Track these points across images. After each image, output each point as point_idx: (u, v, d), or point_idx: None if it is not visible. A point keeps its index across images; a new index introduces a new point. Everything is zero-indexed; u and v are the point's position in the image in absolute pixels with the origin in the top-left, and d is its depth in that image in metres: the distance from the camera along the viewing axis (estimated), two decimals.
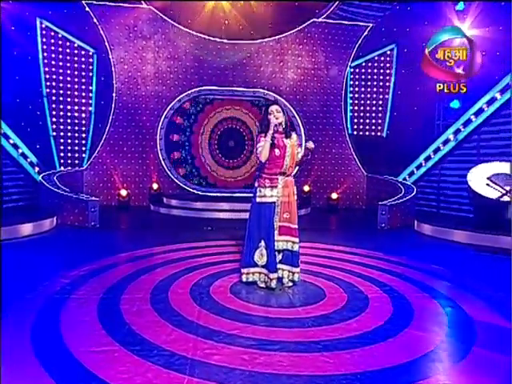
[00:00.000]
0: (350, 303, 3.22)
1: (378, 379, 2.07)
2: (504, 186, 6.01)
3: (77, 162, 10.38)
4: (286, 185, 3.58)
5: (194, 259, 4.60)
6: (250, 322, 2.82)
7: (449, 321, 2.89)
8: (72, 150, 10.36)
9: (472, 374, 2.13)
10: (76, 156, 10.45)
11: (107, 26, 9.31)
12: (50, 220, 6.29)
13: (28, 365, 2.15)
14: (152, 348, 2.37)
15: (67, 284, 3.59)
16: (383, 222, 7.36)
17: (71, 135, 10.34)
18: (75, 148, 10.45)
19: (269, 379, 2.05)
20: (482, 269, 4.65)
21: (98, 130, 10.17)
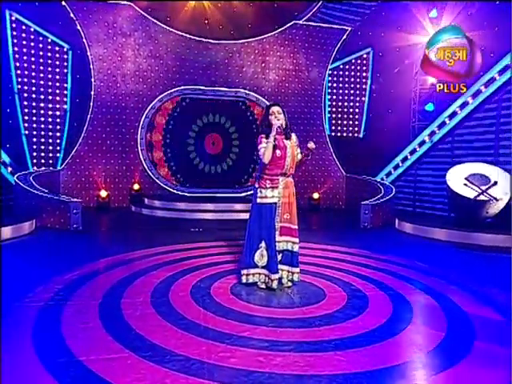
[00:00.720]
0: (350, 302, 3.29)
1: (395, 375, 2.13)
2: (480, 185, 6.33)
3: (51, 161, 9.99)
4: (286, 186, 3.61)
5: (186, 261, 4.55)
6: (258, 323, 2.83)
7: (446, 316, 3.02)
8: (46, 149, 9.96)
9: (479, 367, 2.24)
10: (50, 156, 10.05)
11: (85, 22, 9.00)
12: (30, 223, 6.01)
13: (40, 379, 2.06)
14: (164, 353, 2.33)
15: (60, 290, 3.46)
16: (366, 221, 7.56)
17: (45, 134, 9.94)
18: (49, 147, 10.05)
19: (289, 381, 2.07)
20: (465, 265, 4.87)
21: (74, 129, 9.84)
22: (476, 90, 8.59)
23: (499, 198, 6.11)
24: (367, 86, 12.25)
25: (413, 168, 10.08)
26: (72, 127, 10.02)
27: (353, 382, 2.06)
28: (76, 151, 9.29)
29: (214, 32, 10.17)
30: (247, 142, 10.66)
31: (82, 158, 9.34)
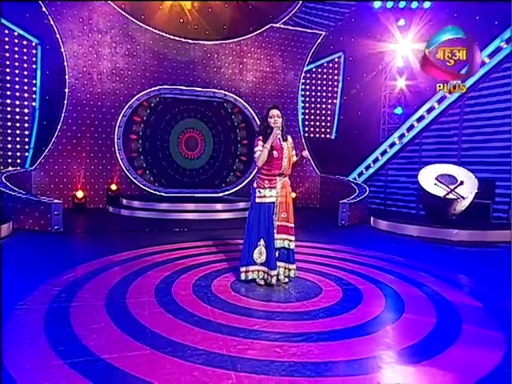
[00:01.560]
0: (345, 295, 3.52)
1: (405, 355, 2.37)
2: (449, 185, 6.84)
3: (19, 161, 9.60)
4: (283, 185, 3.78)
5: (178, 261, 4.60)
6: (265, 317, 2.98)
7: (433, 304, 3.32)
8: (13, 148, 9.56)
9: (471, 347, 2.53)
10: (18, 155, 9.66)
11: (58, 17, 8.72)
12: (7, 225, 5.79)
13: (71, 380, 2.10)
14: (184, 349, 2.43)
15: (61, 292, 3.43)
16: (344, 219, 7.91)
17: (12, 132, 9.53)
18: (17, 146, 9.65)
19: (309, 367, 2.24)
20: (438, 258, 5.27)
21: (44, 127, 9.50)
22: (441, 96, 9.22)
23: (465, 196, 6.64)
24: (338, 89, 12.72)
25: (384, 168, 10.63)
26: (41, 125, 9.67)
27: (368, 364, 2.27)
28: (49, 150, 8.98)
29: (189, 32, 10.17)
30: (224, 142, 10.78)
31: (56, 158, 9.04)
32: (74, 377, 2.08)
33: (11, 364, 2.19)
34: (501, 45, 7.99)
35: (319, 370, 2.22)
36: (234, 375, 2.13)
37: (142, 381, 2.06)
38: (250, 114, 10.52)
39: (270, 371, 2.19)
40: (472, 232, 6.49)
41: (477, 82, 8.45)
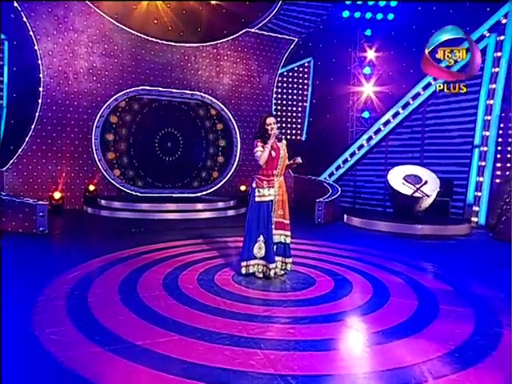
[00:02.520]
0: (337, 284, 3.93)
1: (401, 330, 2.81)
2: (415, 184, 7.53)
3: None
4: (280, 185, 4.14)
5: (175, 259, 4.81)
6: (272, 304, 3.33)
7: (412, 289, 3.82)
8: None
9: (449, 322, 3.02)
10: None
11: (32, 14, 8.52)
12: None
13: (118, 365, 2.32)
14: (210, 334, 2.71)
15: (73, 289, 3.58)
16: (320, 217, 8.41)
17: None
18: None
19: (323, 344, 2.61)
20: (407, 250, 5.85)
21: (11, 126, 9.23)
22: (405, 102, 10.01)
23: (429, 194, 7.35)
24: (308, 93, 13.30)
25: (353, 169, 11.31)
26: (9, 124, 9.38)
27: (370, 339, 2.68)
28: (22, 150, 8.74)
29: (165, 33, 10.27)
30: (200, 144, 10.98)
31: (30, 158, 8.82)
32: (119, 360, 2.31)
33: (56, 352, 2.37)
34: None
35: (331, 345, 2.60)
36: (261, 352, 2.46)
37: (183, 361, 2.32)
38: (226, 116, 10.79)
39: (290, 348, 2.54)
40: (434, 227, 7.21)
41: (436, 91, 9.27)
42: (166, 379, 2.12)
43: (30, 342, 2.53)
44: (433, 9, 10.24)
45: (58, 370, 2.20)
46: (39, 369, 2.23)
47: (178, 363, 2.30)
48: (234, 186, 10.98)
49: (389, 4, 11.06)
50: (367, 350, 2.54)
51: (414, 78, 9.86)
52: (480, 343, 2.64)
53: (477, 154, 8.39)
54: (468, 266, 5.06)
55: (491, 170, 8.19)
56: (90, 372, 2.17)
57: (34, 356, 2.36)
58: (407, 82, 10.09)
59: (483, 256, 5.83)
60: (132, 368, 2.23)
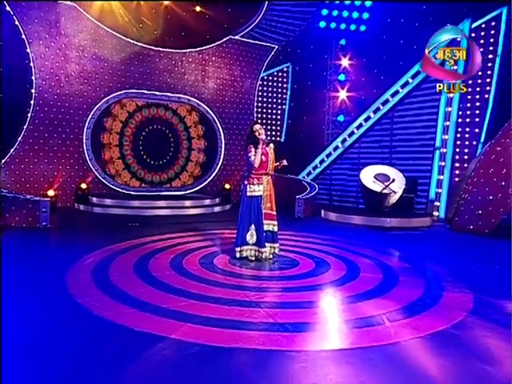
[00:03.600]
0: (318, 265, 4.69)
1: (367, 295, 3.58)
2: (384, 182, 8.43)
3: None
4: (268, 182, 4.86)
5: (174, 247, 5.42)
6: (267, 279, 4.05)
7: (379, 267, 4.63)
8: None
9: (406, 289, 3.83)
10: None
11: (24, 18, 8.84)
12: None
13: (167, 325, 2.97)
14: (219, 299, 3.39)
15: (93, 269, 4.16)
16: (300, 212, 9.20)
17: None
18: None
19: (308, 304, 3.34)
20: (377, 240, 6.71)
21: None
22: (376, 107, 10.97)
23: (396, 191, 8.28)
24: (287, 96, 14.10)
25: (329, 168, 12.18)
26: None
27: (347, 300, 3.45)
28: (15, 150, 9.04)
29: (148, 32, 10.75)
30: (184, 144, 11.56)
31: (22, 157, 9.13)
32: (151, 316, 2.95)
33: (100, 313, 2.99)
34: (419, 69, 9.86)
35: (314, 304, 3.35)
36: (261, 310, 3.16)
37: (200, 316, 2.99)
38: (211, 118, 11.41)
39: (283, 307, 3.26)
40: (400, 220, 8.14)
41: (402, 98, 10.28)
42: (188, 327, 2.78)
43: (76, 307, 3.13)
44: (401, 21, 11.27)
45: (107, 325, 2.82)
46: (92, 326, 2.84)
47: (196, 317, 2.96)
48: (218, 184, 11.61)
49: (361, 17, 12.01)
50: (341, 308, 3.31)
51: (384, 84, 10.84)
52: (426, 301, 3.46)
53: (437, 155, 9.43)
54: (426, 250, 5.96)
55: (450, 169, 9.24)
56: (131, 324, 2.81)
57: (84, 317, 2.96)
58: (378, 87, 11.05)
59: (439, 243, 6.78)
60: (161, 321, 2.88)
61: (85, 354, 2.40)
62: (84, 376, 2.15)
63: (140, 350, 2.44)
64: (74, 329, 2.78)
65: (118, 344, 2.54)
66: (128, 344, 2.53)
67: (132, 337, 2.63)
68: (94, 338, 2.62)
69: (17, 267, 4.33)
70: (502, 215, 7.32)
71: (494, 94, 9.27)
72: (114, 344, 2.54)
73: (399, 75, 10.50)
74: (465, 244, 6.58)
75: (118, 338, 2.62)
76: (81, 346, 2.51)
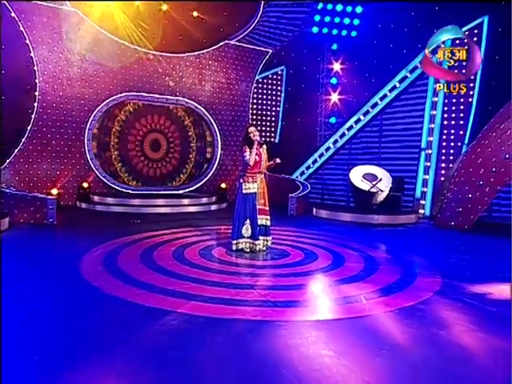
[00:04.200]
0: (307, 256, 5.14)
1: (351, 280, 4.05)
2: (371, 181, 8.92)
3: None
4: (261, 180, 5.30)
5: (176, 241, 5.85)
6: (261, 267, 4.51)
7: (362, 257, 5.10)
8: None
9: (385, 275, 4.30)
10: None
11: (29, 24, 9.21)
12: (6, 219, 6.47)
13: (178, 302, 3.41)
14: (217, 282, 3.83)
15: (104, 259, 4.59)
16: (292, 209, 9.66)
17: None
18: None
19: (297, 286, 3.80)
20: (364, 235, 7.19)
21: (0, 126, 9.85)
22: (366, 110, 11.47)
23: (383, 189, 8.77)
24: (281, 98, 14.57)
25: (321, 168, 12.66)
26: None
27: (331, 283, 3.91)
28: (19, 150, 9.40)
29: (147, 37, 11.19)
30: (182, 145, 11.98)
31: (26, 157, 9.49)
32: (159, 296, 3.39)
33: (115, 293, 3.42)
34: (406, 74, 10.39)
35: (303, 287, 3.80)
36: (255, 291, 3.61)
37: (202, 295, 3.42)
38: (208, 120, 11.83)
39: (275, 288, 3.71)
40: (387, 217, 8.63)
41: (390, 102, 10.80)
42: (193, 304, 3.21)
43: (92, 289, 3.56)
44: (390, 26, 11.79)
45: (120, 302, 3.25)
46: (107, 304, 3.27)
47: (199, 296, 3.40)
48: (214, 184, 12.04)
49: (352, 23, 12.51)
50: (325, 289, 3.76)
51: (375, 86, 11.34)
52: (400, 284, 3.93)
53: (423, 155, 9.95)
54: (408, 244, 6.45)
55: (435, 169, 9.76)
56: (142, 301, 3.24)
57: (99, 297, 3.39)
58: (369, 90, 11.54)
59: (421, 238, 7.28)
60: (169, 299, 3.31)
61: (102, 325, 2.83)
62: (104, 341, 2.58)
63: (151, 321, 2.87)
64: (90, 306, 3.21)
65: (132, 317, 2.97)
66: (140, 317, 2.97)
67: (143, 311, 3.07)
68: (109, 313, 3.05)
69: (33, 258, 4.74)
70: (480, 212, 7.84)
71: (477, 97, 9.81)
72: (128, 317, 2.97)
73: (388, 79, 11.01)
74: (445, 238, 7.08)
75: (131, 312, 3.05)
76: (98, 319, 2.94)
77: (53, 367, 2.19)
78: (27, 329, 2.71)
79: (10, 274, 3.89)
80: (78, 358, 2.31)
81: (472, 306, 3.31)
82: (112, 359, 2.31)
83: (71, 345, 2.49)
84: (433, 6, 10.55)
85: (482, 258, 5.50)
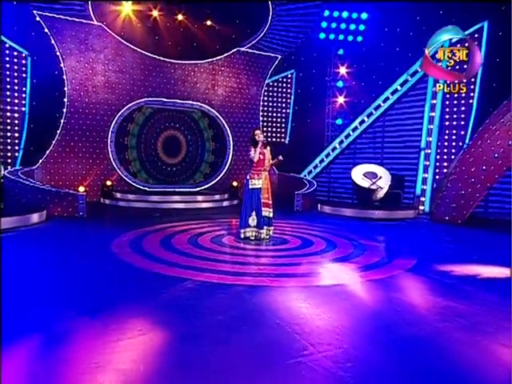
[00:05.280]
0: (304, 243, 5.87)
1: (339, 261, 4.76)
2: (371, 179, 9.56)
3: (9, 160, 10.92)
4: (265, 177, 6.05)
5: (190, 231, 6.66)
6: (261, 251, 5.26)
7: (353, 245, 5.80)
8: (4, 148, 10.87)
9: (370, 257, 4.99)
10: (8, 155, 10.97)
11: (59, 38, 10.20)
12: (44, 212, 7.40)
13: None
14: (228, 261, 4.60)
15: (130, 243, 5.42)
16: (298, 205, 10.37)
17: (3, 134, 10.84)
18: (8, 147, 10.97)
19: (293, 264, 4.54)
20: (365, 229, 7.85)
21: (30, 130, 10.90)
22: (369, 112, 12.08)
23: (382, 186, 9.40)
24: (291, 100, 15.27)
25: (328, 167, 13.32)
26: (29, 128, 11.03)
27: (322, 262, 4.64)
28: (50, 152, 10.41)
29: (164, 46, 12.09)
30: (196, 149, 12.82)
31: (56, 158, 10.49)
32: (176, 269, 4.18)
33: (146, 267, 4.24)
34: (407, 78, 10.97)
35: (298, 265, 4.54)
36: (257, 268, 4.37)
37: (216, 270, 4.19)
38: (221, 122, 12.65)
39: (273, 265, 4.47)
40: (387, 212, 9.25)
41: (392, 104, 11.38)
42: (205, 275, 3.99)
43: (122, 263, 4.39)
44: (397, 30, 12.37)
45: (145, 272, 4.06)
46: (134, 273, 4.08)
47: (210, 270, 4.17)
48: (227, 182, 12.84)
49: (358, 28, 13.13)
50: (314, 266, 4.49)
51: (382, 88, 11.91)
52: (378, 264, 4.63)
53: (422, 155, 10.51)
54: (400, 235, 7.10)
55: (433, 168, 10.32)
56: (162, 271, 4.04)
57: (128, 269, 4.21)
58: (377, 91, 12.10)
59: (415, 231, 7.90)
60: (185, 271, 4.10)
61: (137, 286, 3.64)
62: (140, 295, 3.38)
63: (172, 284, 3.67)
64: (126, 275, 4.03)
65: (155, 282, 3.77)
66: (164, 282, 3.76)
67: (166, 279, 3.86)
68: (136, 279, 3.86)
69: (71, 243, 5.62)
70: (472, 207, 8.39)
71: (478, 99, 10.31)
72: (152, 282, 3.78)
73: (391, 82, 11.59)
74: (436, 231, 7.69)
75: (154, 279, 3.86)
76: (134, 283, 3.76)
77: (101, 308, 3.00)
78: (75, 290, 3.54)
79: (53, 256, 4.76)
80: (119, 303, 3.12)
81: (433, 279, 3.99)
82: (145, 307, 3.11)
83: (116, 296, 3.30)
84: (437, 10, 11.06)
85: (465, 246, 6.13)
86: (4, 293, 3.19)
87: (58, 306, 3.10)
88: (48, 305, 3.10)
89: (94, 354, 2.25)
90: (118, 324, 2.72)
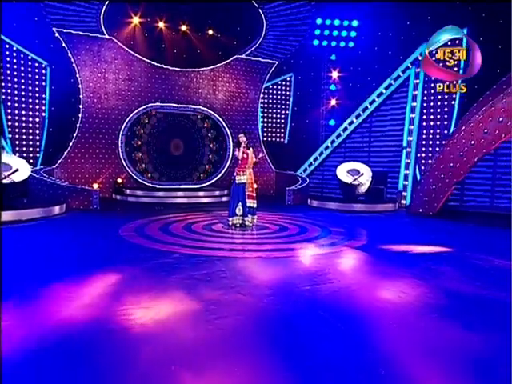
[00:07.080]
0: (280, 229, 6.92)
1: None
2: (354, 175, 10.54)
3: (31, 161, 12.22)
4: (249, 174, 7.13)
5: (186, 221, 7.78)
6: (246, 235, 6.34)
7: (322, 230, 6.82)
8: (27, 150, 12.19)
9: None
10: (31, 156, 12.27)
11: (75, 51, 11.44)
12: (64, 205, 8.62)
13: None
14: (217, 242, 5.70)
15: (136, 228, 6.57)
16: (289, 200, 11.42)
17: (26, 137, 12.15)
18: (30, 149, 12.28)
19: (273, 244, 5.62)
20: (348, 221, 8.85)
21: (50, 133, 12.18)
22: (357, 113, 13.03)
23: (363, 182, 10.37)
24: (290, 102, 16.27)
25: (321, 165, 14.31)
26: (49, 132, 12.32)
27: (306, 243, 5.71)
28: (68, 153, 11.68)
29: (169, 55, 13.24)
30: (198, 149, 13.94)
31: (73, 159, 11.76)
32: (171, 246, 5.29)
33: (152, 247, 5.37)
34: (391, 82, 11.89)
35: (266, 244, 5.62)
36: (239, 246, 5.46)
37: (210, 248, 5.29)
38: (221, 125, 13.76)
39: (250, 243, 5.54)
40: (367, 205, 10.23)
41: (378, 106, 12.31)
42: (189, 250, 5.09)
43: (127, 242, 5.53)
44: (389, 35, 13.26)
45: (144, 248, 5.19)
46: (137, 249, 5.22)
47: (198, 247, 5.28)
48: (227, 180, 13.94)
49: (349, 35, 14.06)
50: (280, 245, 5.55)
51: (371, 90, 12.82)
52: (333, 243, 5.66)
53: (404, 153, 11.43)
54: (369, 225, 8.07)
55: (413, 165, 11.23)
56: (159, 247, 5.16)
57: (132, 246, 5.34)
58: (370, 92, 12.98)
59: (388, 221, 8.87)
60: (174, 247, 5.21)
61: (137, 256, 4.77)
62: (141, 261, 4.51)
63: (163, 256, 4.78)
64: (124, 249, 5.16)
65: (152, 254, 4.89)
66: (157, 254, 4.88)
67: (159, 252, 4.99)
68: (137, 252, 4.99)
69: (87, 229, 6.80)
70: (442, 201, 9.31)
71: (459, 100, 11.15)
72: (147, 253, 4.90)
73: (378, 85, 12.50)
74: (406, 221, 8.64)
75: (150, 252, 4.98)
76: (136, 254, 4.89)
77: (108, 266, 4.12)
78: (90, 257, 4.69)
79: (73, 238, 5.93)
80: (120, 264, 4.25)
81: (373, 253, 5.02)
82: (139, 271, 4.23)
83: (119, 261, 4.43)
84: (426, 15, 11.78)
85: (423, 232, 7.09)
86: (44, 261, 4.36)
87: (78, 266, 4.24)
88: (72, 265, 4.25)
89: (104, 290, 3.38)
90: (118, 275, 3.85)
